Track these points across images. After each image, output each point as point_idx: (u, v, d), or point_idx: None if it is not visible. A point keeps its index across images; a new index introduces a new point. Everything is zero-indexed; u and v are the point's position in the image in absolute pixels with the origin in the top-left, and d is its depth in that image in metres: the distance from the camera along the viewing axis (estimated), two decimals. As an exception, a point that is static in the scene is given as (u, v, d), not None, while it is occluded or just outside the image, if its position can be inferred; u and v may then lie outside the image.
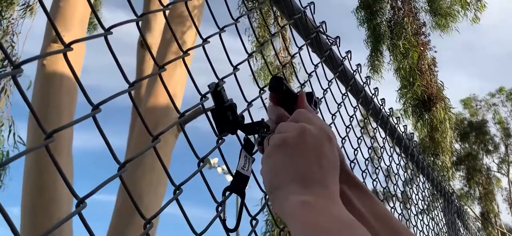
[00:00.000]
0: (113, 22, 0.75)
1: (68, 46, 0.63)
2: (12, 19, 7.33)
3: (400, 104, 10.99)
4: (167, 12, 1.01)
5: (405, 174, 2.46)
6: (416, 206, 2.55)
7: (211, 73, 0.95)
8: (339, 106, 1.60)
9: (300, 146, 0.63)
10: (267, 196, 1.10)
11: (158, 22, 4.34)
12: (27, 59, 0.55)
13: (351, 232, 0.50)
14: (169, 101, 4.07)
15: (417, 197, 2.63)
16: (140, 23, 0.85)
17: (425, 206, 2.82)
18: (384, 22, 11.76)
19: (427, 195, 2.92)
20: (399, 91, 11.07)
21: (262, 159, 0.67)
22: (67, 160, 3.39)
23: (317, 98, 0.92)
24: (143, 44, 4.44)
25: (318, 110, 0.92)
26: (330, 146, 0.66)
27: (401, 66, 10.34)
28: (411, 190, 2.52)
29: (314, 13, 1.49)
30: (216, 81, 0.95)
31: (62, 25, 3.22)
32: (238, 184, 0.86)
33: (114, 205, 3.92)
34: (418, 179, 2.76)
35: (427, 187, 2.99)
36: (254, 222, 0.96)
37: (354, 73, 1.84)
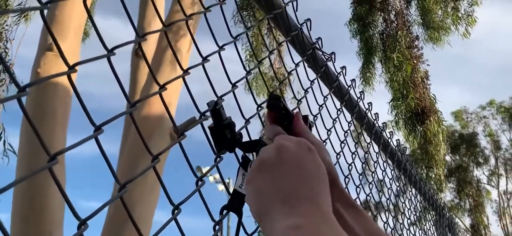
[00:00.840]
0: (107, 29, 0.75)
1: (72, 68, 0.63)
2: (6, 25, 7.30)
3: (392, 115, 11.07)
4: (163, 21, 1.02)
5: (398, 188, 2.47)
6: (408, 219, 2.57)
7: (205, 81, 0.96)
8: (334, 122, 1.61)
9: (278, 165, 0.61)
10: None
11: (153, 29, 4.34)
12: (33, 82, 0.56)
13: None
14: (164, 110, 4.07)
15: (409, 210, 2.64)
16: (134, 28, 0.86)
17: (416, 219, 2.83)
18: (376, 35, 11.86)
19: (419, 209, 2.94)
20: (391, 103, 11.14)
21: (245, 187, 0.65)
22: (60, 167, 3.36)
23: (312, 120, 0.93)
24: (138, 53, 4.44)
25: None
26: (311, 157, 0.63)
27: (394, 78, 10.41)
28: (403, 203, 2.53)
29: (310, 30, 1.51)
30: (215, 99, 0.96)
31: (58, 33, 3.21)
32: (236, 203, 0.86)
33: (106, 214, 3.89)
34: (410, 192, 2.77)
35: (419, 200, 3.00)
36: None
37: (349, 88, 1.85)
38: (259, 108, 1.12)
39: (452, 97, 33.15)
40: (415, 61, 10.78)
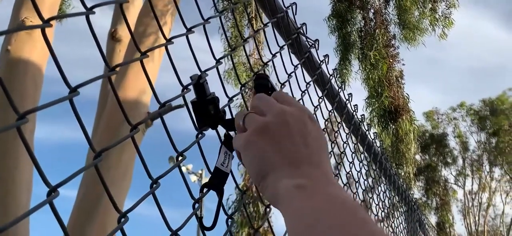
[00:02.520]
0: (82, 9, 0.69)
1: (47, 22, 0.58)
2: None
3: (367, 113, 11.22)
4: (143, 5, 0.97)
5: (373, 180, 2.49)
6: (382, 211, 2.59)
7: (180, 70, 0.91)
8: (316, 109, 1.60)
9: (282, 128, 0.61)
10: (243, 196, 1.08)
11: (131, 14, 4.24)
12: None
13: (352, 211, 0.48)
14: (138, 95, 3.99)
15: (382, 203, 2.67)
16: (112, 13, 0.81)
17: (389, 213, 2.87)
18: (354, 32, 11.98)
19: (393, 203, 2.97)
20: (366, 101, 11.29)
21: (242, 146, 0.63)
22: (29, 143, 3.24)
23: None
24: (114, 36, 4.32)
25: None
26: (312, 124, 0.64)
27: (370, 76, 10.55)
28: (378, 196, 2.55)
29: (295, 14, 1.49)
30: (199, 73, 0.92)
31: (30, 9, 3.09)
32: (217, 181, 0.83)
33: (75, 200, 3.79)
34: (384, 186, 2.80)
35: (393, 195, 3.04)
36: (230, 221, 0.93)
37: (331, 77, 1.84)
38: (243, 88, 1.09)
39: (423, 97, 33.92)
40: (391, 60, 10.96)
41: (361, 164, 2.15)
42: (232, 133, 0.89)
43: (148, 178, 0.72)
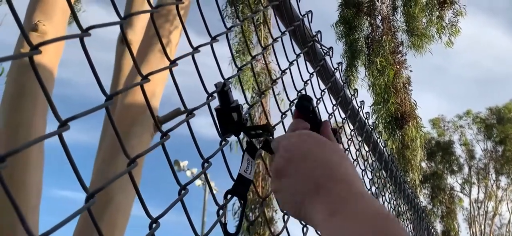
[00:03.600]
0: (93, 16, 0.67)
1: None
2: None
3: (372, 119, 11.18)
4: (155, 6, 0.96)
5: (390, 187, 2.49)
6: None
7: (187, 74, 0.91)
8: (330, 117, 1.60)
9: (306, 156, 0.62)
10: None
11: (141, 18, 4.26)
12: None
13: (384, 225, 0.49)
14: (148, 99, 4.00)
15: (394, 211, 2.66)
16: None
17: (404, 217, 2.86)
18: (361, 38, 11.98)
19: (403, 211, 2.97)
20: (372, 107, 11.28)
21: (272, 189, 0.66)
22: (38, 155, 3.26)
23: (339, 132, 0.90)
24: (123, 40, 4.34)
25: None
26: (332, 145, 0.65)
27: (376, 82, 10.54)
28: (394, 203, 2.55)
29: (311, 22, 1.50)
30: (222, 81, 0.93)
31: (43, 13, 3.11)
32: (240, 188, 0.84)
33: (84, 202, 3.81)
34: (395, 194, 2.79)
35: (402, 202, 3.03)
36: (251, 227, 0.94)
37: (344, 85, 1.85)
38: (262, 95, 1.09)
39: (429, 104, 33.80)
40: (398, 67, 10.94)
41: (372, 172, 2.15)
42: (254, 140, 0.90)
43: (177, 184, 0.73)
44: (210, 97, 0.86)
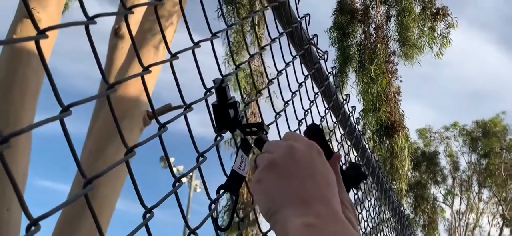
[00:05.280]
0: (90, 9, 0.65)
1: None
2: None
3: (360, 126, 11.25)
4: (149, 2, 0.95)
5: (375, 193, 2.51)
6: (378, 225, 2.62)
7: (179, 71, 0.90)
8: (322, 120, 1.62)
9: (290, 165, 0.61)
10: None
11: (136, 12, 4.24)
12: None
13: None
14: (139, 93, 3.98)
15: (378, 217, 2.69)
16: (117, 9, 0.78)
17: (383, 228, 2.89)
18: (354, 45, 12.07)
19: (387, 218, 3.00)
20: (361, 113, 11.37)
21: (253, 185, 0.64)
22: (26, 141, 3.23)
23: (366, 172, 0.89)
24: (117, 32, 4.33)
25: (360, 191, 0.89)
26: (321, 160, 0.64)
27: (369, 90, 10.63)
28: (379, 209, 2.58)
29: (308, 25, 1.51)
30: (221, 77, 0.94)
31: (38, 1, 3.08)
32: (233, 183, 0.85)
33: (69, 193, 3.78)
34: (381, 200, 2.83)
35: (388, 209, 3.07)
36: (241, 223, 0.95)
37: (337, 89, 1.87)
38: (258, 95, 1.11)
39: (416, 114, 34.14)
40: (390, 76, 11.04)
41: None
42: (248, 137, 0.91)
43: (172, 176, 0.74)
44: (208, 93, 0.87)
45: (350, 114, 2.09)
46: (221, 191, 0.87)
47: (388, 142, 10.83)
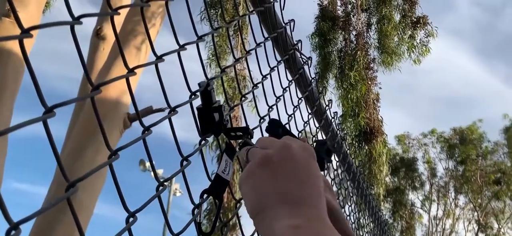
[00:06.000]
0: (64, 7, 0.63)
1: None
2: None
3: (343, 132, 11.37)
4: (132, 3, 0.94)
5: (355, 199, 2.53)
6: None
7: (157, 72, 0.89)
8: (305, 125, 1.63)
9: (286, 164, 0.59)
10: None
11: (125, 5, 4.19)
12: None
13: None
14: (119, 95, 3.93)
15: (357, 222, 2.72)
16: (99, 10, 0.78)
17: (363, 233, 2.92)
18: (335, 52, 12.22)
19: (367, 223, 3.03)
20: (340, 118, 11.49)
21: (242, 178, 0.61)
22: (2, 143, 3.16)
23: (331, 146, 0.90)
24: (99, 34, 4.27)
25: (329, 162, 0.90)
26: (315, 164, 0.63)
27: (348, 95, 10.77)
28: (359, 214, 2.60)
29: (293, 30, 1.52)
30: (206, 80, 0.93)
31: (18, 0, 3.02)
32: (217, 188, 0.85)
33: (46, 196, 3.71)
34: (360, 205, 2.85)
35: (367, 214, 3.10)
36: (225, 229, 0.94)
37: (320, 95, 1.88)
38: (243, 99, 1.11)
39: (394, 121, 34.64)
40: (369, 82, 11.20)
41: (340, 183, 2.20)
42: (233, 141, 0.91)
43: (156, 180, 0.73)
44: (193, 96, 0.86)
45: (332, 120, 2.10)
46: (205, 195, 0.86)
47: (366, 147, 10.97)
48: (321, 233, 0.52)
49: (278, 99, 1.31)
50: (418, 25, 12.05)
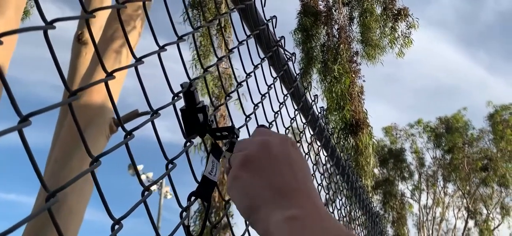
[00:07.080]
0: (45, 13, 0.62)
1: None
2: None
3: (330, 126, 11.42)
4: (110, 10, 0.92)
5: (345, 192, 2.54)
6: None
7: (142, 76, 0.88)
8: (292, 121, 1.62)
9: (265, 159, 0.60)
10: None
11: (99, 18, 4.14)
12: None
13: None
14: (104, 100, 3.88)
15: (349, 215, 2.73)
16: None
17: (355, 226, 2.93)
18: (318, 47, 12.26)
19: (358, 216, 3.04)
20: (325, 111, 11.54)
21: (229, 184, 0.61)
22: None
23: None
24: (80, 39, 4.21)
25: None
26: (296, 152, 0.63)
27: (333, 89, 10.81)
28: (350, 208, 2.60)
29: (275, 27, 1.51)
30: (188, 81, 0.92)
31: (-3, 6, 2.96)
32: (204, 190, 0.83)
33: (34, 205, 3.65)
34: (351, 199, 2.86)
35: (358, 207, 3.11)
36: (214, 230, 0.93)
37: (305, 90, 1.87)
38: (227, 98, 1.09)
39: (380, 113, 34.90)
40: (353, 75, 11.27)
41: (330, 177, 2.19)
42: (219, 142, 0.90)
43: (140, 185, 0.71)
44: (176, 97, 0.85)
45: (319, 115, 2.10)
46: (193, 198, 0.84)
47: (353, 140, 11.03)
48: (317, 219, 0.52)
49: (263, 97, 1.30)
50: (399, 17, 12.16)
